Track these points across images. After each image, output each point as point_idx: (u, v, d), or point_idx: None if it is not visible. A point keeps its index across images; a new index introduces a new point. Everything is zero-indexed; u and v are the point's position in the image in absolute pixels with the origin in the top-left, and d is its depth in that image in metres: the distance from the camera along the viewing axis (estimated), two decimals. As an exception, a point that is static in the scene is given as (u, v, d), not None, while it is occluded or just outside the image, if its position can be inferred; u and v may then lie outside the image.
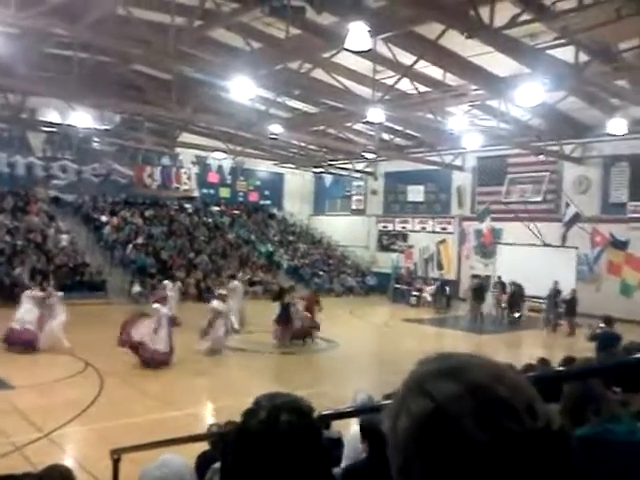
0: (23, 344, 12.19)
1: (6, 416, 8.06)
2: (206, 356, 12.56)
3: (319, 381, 10.85)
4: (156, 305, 12.10)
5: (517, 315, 20.69)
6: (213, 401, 10.33)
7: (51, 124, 23.16)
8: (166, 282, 16.48)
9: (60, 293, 13.40)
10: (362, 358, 14.15)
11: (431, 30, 12.84)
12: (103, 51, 15.23)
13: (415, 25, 12.69)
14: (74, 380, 10.28)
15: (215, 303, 13.43)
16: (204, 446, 4.80)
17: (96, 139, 25.94)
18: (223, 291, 14.77)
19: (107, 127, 23.37)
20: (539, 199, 23.93)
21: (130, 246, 24.10)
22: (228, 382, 11.04)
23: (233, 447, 1.23)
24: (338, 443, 4.67)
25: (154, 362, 11.30)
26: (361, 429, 4.01)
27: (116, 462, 4.25)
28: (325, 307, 15.85)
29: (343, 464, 4.09)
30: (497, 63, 14.54)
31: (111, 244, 24.40)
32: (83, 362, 11.37)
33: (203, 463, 4.15)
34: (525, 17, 10.76)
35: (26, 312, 12.51)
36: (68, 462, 5.72)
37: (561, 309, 19.59)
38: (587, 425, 2.12)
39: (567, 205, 22.62)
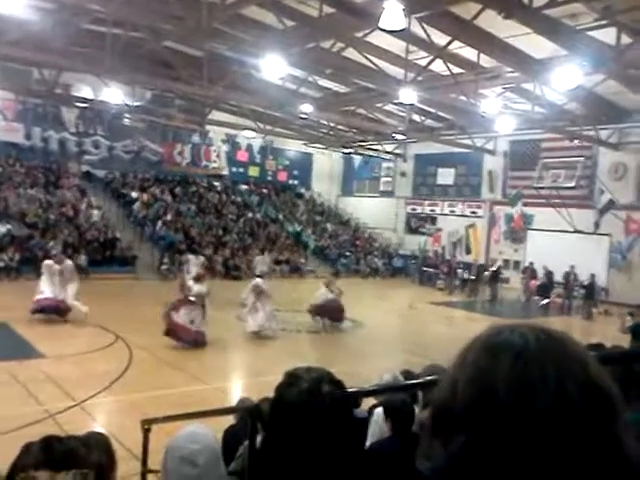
0: (49, 310, 12.56)
1: (39, 384, 8.31)
2: (254, 335, 12.45)
3: (344, 360, 10.89)
4: (195, 287, 11.75)
5: (546, 301, 20.51)
6: (241, 376, 10.49)
7: (84, 100, 23.45)
8: (190, 256, 16.33)
9: (70, 262, 13.51)
10: (387, 339, 14.17)
11: (467, 10, 12.56)
12: (136, 27, 15.27)
13: (451, 4, 12.44)
14: (104, 352, 10.52)
15: (259, 281, 13.14)
16: (230, 420, 4.87)
17: (127, 115, 26.17)
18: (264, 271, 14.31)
19: (138, 103, 23.54)
20: (572, 185, 23.45)
21: (160, 222, 24.40)
22: (254, 359, 11.18)
23: (269, 419, 1.24)
24: (364, 422, 4.69)
25: (197, 343, 11.24)
26: (384, 408, 4.03)
27: (146, 432, 4.33)
28: (351, 288, 15.83)
29: (368, 443, 4.12)
30: (533, 45, 14.17)
31: (141, 220, 24.73)
32: (113, 335, 11.62)
33: (230, 437, 4.21)
34: (566, -3, 10.46)
35: (45, 282, 12.80)
36: (99, 431, 5.87)
37: (576, 293, 19.57)
38: (629, 409, 2.09)
39: (601, 192, 22.15)
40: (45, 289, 12.66)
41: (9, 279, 18.26)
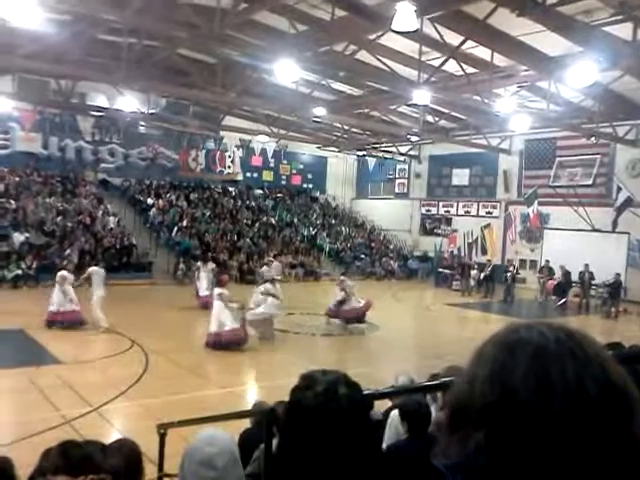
0: (68, 322, 12.64)
1: (57, 390, 8.37)
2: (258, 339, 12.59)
3: (359, 363, 10.85)
4: (218, 290, 12.10)
5: (563, 301, 20.28)
6: (256, 380, 10.48)
7: (100, 108, 23.68)
8: (198, 263, 16.65)
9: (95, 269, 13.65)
10: (402, 341, 14.10)
11: (480, 9, 12.45)
12: (150, 36, 15.40)
13: (463, 4, 12.35)
14: (121, 357, 10.58)
15: (267, 286, 13.31)
16: (245, 423, 4.85)
17: (142, 123, 26.40)
18: (278, 276, 14.67)
19: (153, 111, 23.70)
20: (589, 183, 23.19)
21: (176, 228, 24.56)
22: (269, 362, 11.16)
23: (285, 422, 1.22)
24: (380, 424, 4.66)
25: (225, 343, 11.39)
26: (400, 411, 3.99)
27: (162, 436, 4.34)
28: (366, 290, 15.81)
29: (384, 445, 4.09)
30: (547, 42, 14.03)
31: (157, 226, 24.90)
32: (129, 340, 11.68)
33: (246, 441, 4.20)
34: (580, -7, 10.35)
35: (59, 294, 12.84)
36: (116, 436, 5.89)
37: (594, 292, 19.59)
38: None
39: (619, 189, 21.87)
40: (55, 300, 12.77)
41: (27, 286, 18.48)
